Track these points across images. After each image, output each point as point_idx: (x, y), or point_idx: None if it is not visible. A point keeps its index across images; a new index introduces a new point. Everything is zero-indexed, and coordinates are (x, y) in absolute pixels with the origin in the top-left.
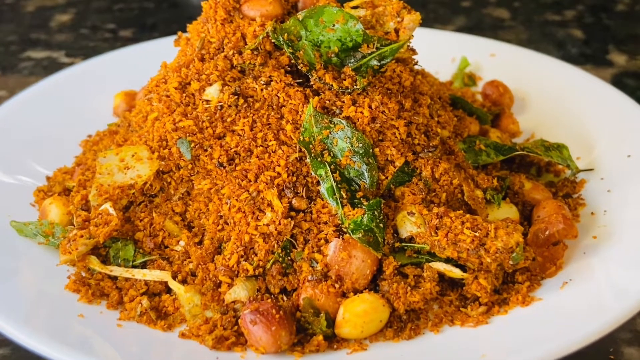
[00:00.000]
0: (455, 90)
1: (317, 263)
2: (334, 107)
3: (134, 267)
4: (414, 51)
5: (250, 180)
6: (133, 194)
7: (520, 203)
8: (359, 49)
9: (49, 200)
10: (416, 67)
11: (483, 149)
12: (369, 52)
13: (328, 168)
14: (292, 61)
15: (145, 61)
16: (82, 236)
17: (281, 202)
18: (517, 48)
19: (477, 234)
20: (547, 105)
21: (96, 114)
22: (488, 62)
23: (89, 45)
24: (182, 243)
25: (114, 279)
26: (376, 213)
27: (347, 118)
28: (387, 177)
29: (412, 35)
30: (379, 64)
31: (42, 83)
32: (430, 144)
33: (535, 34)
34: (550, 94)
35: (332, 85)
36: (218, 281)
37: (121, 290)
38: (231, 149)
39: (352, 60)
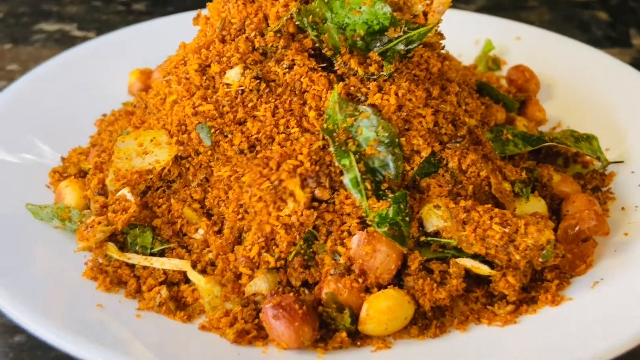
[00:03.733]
0: (480, 75)
1: (340, 256)
2: (359, 94)
3: (151, 254)
4: (441, 35)
5: (271, 169)
6: (151, 179)
7: (548, 196)
8: (386, 33)
9: (64, 182)
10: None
11: (510, 138)
12: (396, 35)
13: (352, 158)
14: (316, 45)
15: (161, 38)
16: (100, 223)
17: (304, 192)
18: (543, 31)
19: (506, 230)
20: (575, 93)
21: (110, 92)
22: (513, 45)
23: (102, 18)
24: (201, 231)
25: (131, 266)
26: (402, 206)
27: (373, 105)
28: (412, 168)
29: (441, 19)
30: (405, 48)
31: (55, 60)
32: (458, 134)
33: (558, 15)
34: (578, 80)
35: (357, 70)
36: (238, 272)
37: (139, 278)
38: (252, 135)
39: (378, 44)
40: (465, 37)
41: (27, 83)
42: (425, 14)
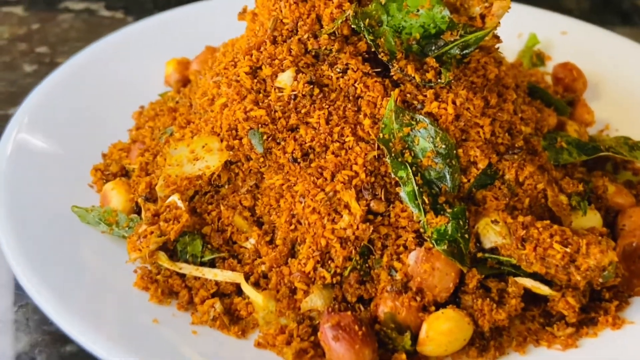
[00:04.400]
0: (526, 73)
1: (397, 272)
2: (415, 102)
3: (202, 263)
4: (498, 39)
5: (326, 179)
6: (200, 184)
7: (602, 208)
8: (442, 36)
9: (110, 185)
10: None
11: (565, 147)
12: (452, 39)
13: (409, 170)
14: (372, 49)
15: (198, 24)
16: (152, 233)
17: (359, 205)
18: (590, 26)
19: (567, 250)
20: (623, 93)
21: (146, 82)
22: (558, 39)
23: None
24: (252, 241)
25: (182, 276)
26: (461, 222)
27: (429, 114)
28: (469, 180)
29: (499, 23)
30: (461, 53)
31: (87, 50)
32: (515, 144)
33: (598, 3)
34: (627, 80)
35: (414, 77)
36: (293, 287)
37: (191, 289)
38: (305, 143)
39: (434, 47)
40: (508, 29)
41: (61, 76)
42: (482, 16)
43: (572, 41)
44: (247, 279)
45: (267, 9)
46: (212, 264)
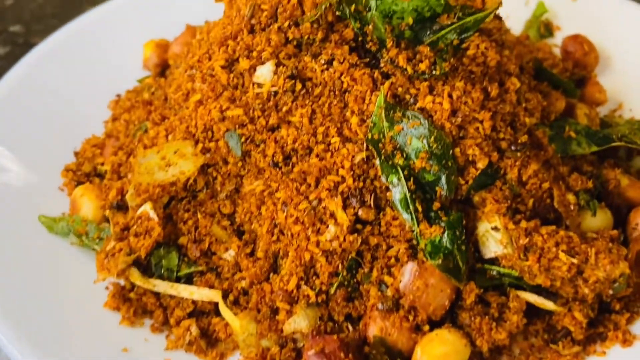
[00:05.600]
0: (532, 47)
1: (387, 287)
2: (407, 95)
3: (178, 278)
4: (500, 20)
5: (309, 185)
6: (175, 189)
7: (614, 203)
8: (437, 19)
9: (79, 190)
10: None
11: (573, 136)
12: (449, 22)
13: (401, 174)
14: (359, 38)
15: (177, 4)
16: (121, 250)
17: (346, 214)
18: None
19: (574, 261)
20: (638, 68)
21: (124, 65)
22: (568, 7)
23: None
24: (231, 252)
25: (157, 293)
26: (457, 232)
27: (423, 110)
28: (467, 182)
29: (501, 3)
30: (459, 38)
31: (59, 33)
32: (518, 139)
33: None
34: None
35: (406, 69)
36: (275, 307)
37: (166, 308)
38: (287, 145)
39: (428, 32)
40: None
41: (33, 61)
42: None
43: (582, 9)
44: (225, 296)
45: None
46: (189, 279)
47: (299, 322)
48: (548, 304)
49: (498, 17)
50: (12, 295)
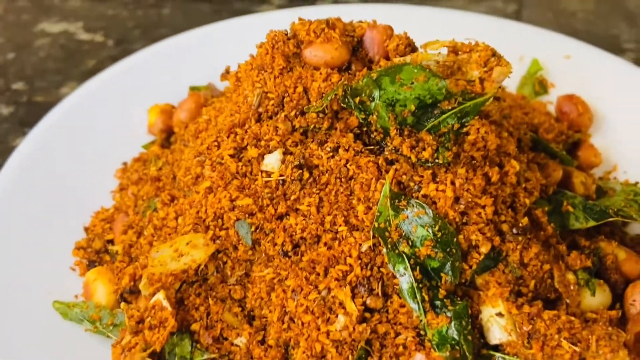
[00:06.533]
0: (529, 109)
1: None
2: (411, 183)
3: None
4: (498, 100)
5: (318, 274)
6: (186, 275)
7: (611, 278)
8: (438, 104)
9: (92, 274)
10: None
11: (571, 210)
12: (450, 107)
13: (407, 263)
14: (364, 128)
15: (179, 59)
16: (137, 344)
17: (355, 304)
18: (597, 51)
19: (577, 349)
20: (633, 126)
21: (126, 132)
22: (562, 64)
23: (108, 14)
24: (242, 340)
25: None
26: (464, 322)
27: (426, 197)
28: (471, 267)
29: (501, 87)
30: (459, 122)
31: (66, 101)
32: (519, 222)
33: (603, 5)
34: (637, 111)
35: (410, 157)
36: None
37: None
38: (296, 234)
39: (430, 117)
40: (509, 51)
41: (41, 133)
42: (481, 80)
43: (576, 67)
44: None
45: (251, 79)
46: None
47: None
48: None
49: (497, 99)
50: None
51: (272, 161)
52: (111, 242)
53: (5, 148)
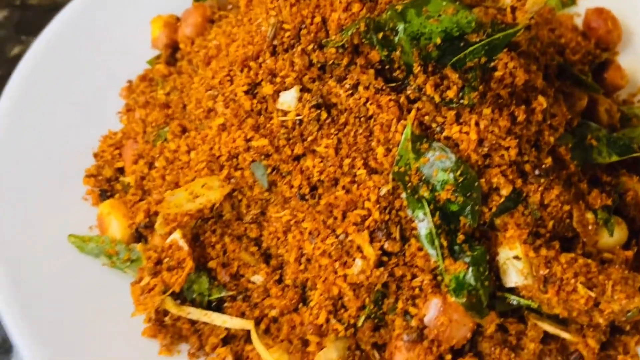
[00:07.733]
0: (556, 25)
1: (412, 317)
2: (434, 124)
3: (209, 302)
4: (529, 29)
5: (336, 218)
6: (201, 214)
7: (630, 214)
8: (465, 37)
9: (105, 208)
10: None
11: (595, 145)
12: (477, 39)
13: (427, 209)
14: (386, 65)
15: None
16: (155, 286)
17: (373, 248)
18: None
19: (592, 294)
20: None
21: (129, 46)
22: None
23: None
24: (259, 278)
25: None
26: (481, 269)
27: (449, 139)
28: (490, 209)
29: (533, 17)
30: (487, 57)
31: (56, 21)
32: (542, 162)
33: None
34: None
35: (433, 97)
36: (305, 338)
37: (200, 334)
38: (313, 176)
39: (456, 50)
40: None
41: (39, 51)
42: (513, 9)
43: None
44: (257, 324)
45: (265, 5)
46: (219, 301)
47: (329, 354)
48: (564, 334)
49: (528, 28)
50: (48, 323)
51: (288, 99)
52: (121, 169)
53: (4, 59)
